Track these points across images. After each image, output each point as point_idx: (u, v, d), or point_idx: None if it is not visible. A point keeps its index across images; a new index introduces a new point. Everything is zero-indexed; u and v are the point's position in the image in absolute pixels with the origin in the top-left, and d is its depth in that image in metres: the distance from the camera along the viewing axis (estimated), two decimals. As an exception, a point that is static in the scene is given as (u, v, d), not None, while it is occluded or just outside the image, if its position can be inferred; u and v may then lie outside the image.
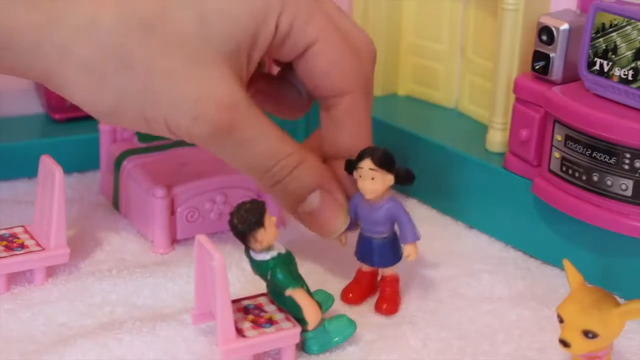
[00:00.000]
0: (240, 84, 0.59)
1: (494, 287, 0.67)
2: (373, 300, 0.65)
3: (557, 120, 0.65)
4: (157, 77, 0.57)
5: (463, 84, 0.79)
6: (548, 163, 0.66)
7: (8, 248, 0.65)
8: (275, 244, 0.58)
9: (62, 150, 0.75)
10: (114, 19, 0.57)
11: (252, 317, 0.58)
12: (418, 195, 0.77)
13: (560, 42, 0.66)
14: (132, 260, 0.68)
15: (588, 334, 0.53)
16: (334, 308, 0.62)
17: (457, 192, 0.74)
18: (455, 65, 0.80)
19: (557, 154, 0.65)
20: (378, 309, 0.64)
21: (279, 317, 0.59)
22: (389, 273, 0.64)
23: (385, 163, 0.60)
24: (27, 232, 0.66)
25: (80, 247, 0.69)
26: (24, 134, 0.80)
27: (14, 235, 0.66)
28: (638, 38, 0.61)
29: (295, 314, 0.58)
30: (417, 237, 0.62)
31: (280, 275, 0.57)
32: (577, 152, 0.64)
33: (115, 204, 0.74)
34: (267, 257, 0.57)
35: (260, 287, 0.60)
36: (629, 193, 0.62)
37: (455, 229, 0.74)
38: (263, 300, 0.60)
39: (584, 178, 0.64)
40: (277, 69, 0.68)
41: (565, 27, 0.66)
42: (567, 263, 0.55)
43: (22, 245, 0.65)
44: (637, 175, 0.62)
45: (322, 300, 0.60)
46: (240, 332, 0.57)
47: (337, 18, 0.63)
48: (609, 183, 0.63)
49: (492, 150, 0.73)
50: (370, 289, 0.65)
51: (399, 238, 0.63)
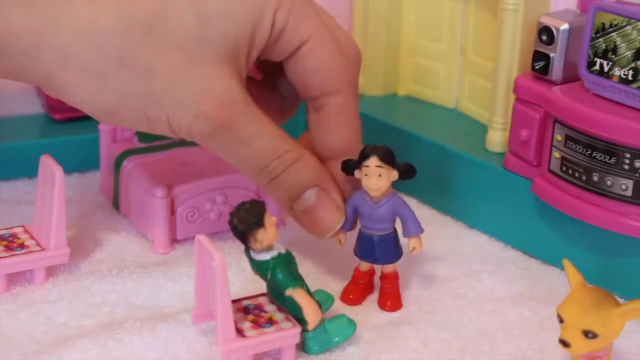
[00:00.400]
0: (240, 82, 0.59)
1: (494, 287, 0.67)
2: (373, 300, 0.65)
3: (557, 120, 0.65)
4: (157, 76, 0.57)
5: (463, 84, 0.79)
6: (548, 163, 0.66)
7: (8, 248, 0.65)
8: (275, 244, 0.58)
9: (62, 150, 0.75)
10: (114, 19, 0.57)
11: (252, 317, 0.58)
12: (418, 195, 0.77)
13: (560, 42, 0.66)
14: (132, 260, 0.68)
15: (588, 334, 0.53)
16: (334, 308, 0.62)
17: (457, 192, 0.74)
18: (455, 65, 0.80)
19: (557, 154, 0.65)
20: (382, 306, 0.64)
21: (279, 317, 0.59)
22: (390, 270, 0.64)
23: (391, 159, 0.61)
24: (27, 232, 0.66)
25: (80, 247, 0.69)
26: (24, 134, 0.80)
27: (14, 235, 0.66)
28: (638, 38, 0.61)
29: (295, 314, 0.58)
30: (421, 229, 0.63)
31: (280, 275, 0.57)
32: (577, 152, 0.64)
33: (115, 204, 0.74)
34: (267, 257, 0.57)
35: (260, 287, 0.60)
36: (629, 193, 0.62)
37: (455, 229, 0.74)
38: (263, 300, 0.60)
39: (584, 178, 0.64)
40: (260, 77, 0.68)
41: (565, 27, 0.66)
42: (567, 263, 0.55)
43: (22, 245, 0.65)
44: (637, 175, 0.62)
45: (322, 300, 0.60)
46: (240, 332, 0.57)
47: (326, 20, 0.63)
48: (609, 183, 0.63)
49: (492, 150, 0.73)
50: (369, 288, 0.65)
51: (403, 232, 0.63)
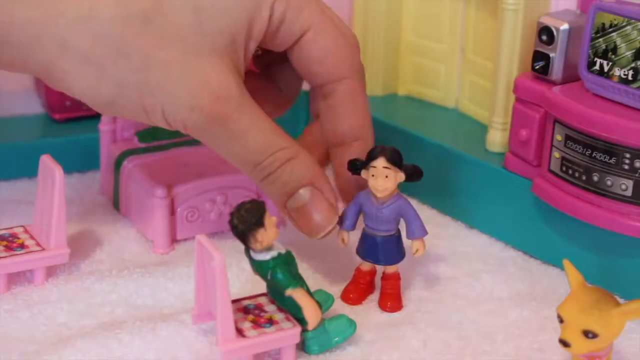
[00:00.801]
0: (237, 76, 0.60)
1: (494, 287, 0.67)
2: (373, 300, 0.65)
3: (557, 120, 0.65)
4: (154, 67, 0.58)
5: (463, 84, 0.79)
6: (548, 163, 0.66)
7: (8, 248, 0.65)
8: (275, 244, 0.58)
9: (62, 150, 0.75)
10: (113, 10, 0.58)
11: (252, 317, 0.58)
12: (418, 195, 0.77)
13: (560, 42, 0.66)
14: (132, 260, 0.68)
15: (588, 334, 0.53)
16: (334, 308, 0.62)
17: (457, 192, 0.74)
18: (455, 65, 0.80)
19: (557, 154, 0.65)
20: (383, 307, 0.64)
21: (279, 317, 0.59)
22: (392, 271, 0.64)
23: (398, 160, 0.61)
24: (27, 232, 0.66)
25: (80, 247, 0.69)
26: (24, 134, 0.80)
27: (14, 235, 0.66)
28: (638, 38, 0.61)
29: (295, 314, 0.58)
30: (425, 232, 0.63)
31: (280, 275, 0.57)
32: (577, 152, 0.64)
33: (115, 204, 0.74)
34: (267, 257, 0.57)
35: (260, 287, 0.60)
36: (629, 193, 0.62)
37: (455, 229, 0.74)
38: (263, 300, 0.60)
39: (584, 178, 0.64)
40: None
41: (565, 27, 0.66)
42: (567, 263, 0.55)
43: (22, 245, 0.65)
44: (637, 175, 0.62)
45: (322, 300, 0.60)
46: (240, 332, 0.57)
47: (325, 9, 0.64)
48: (609, 183, 0.63)
49: (492, 150, 0.73)
50: (370, 288, 0.65)
51: (407, 234, 0.63)
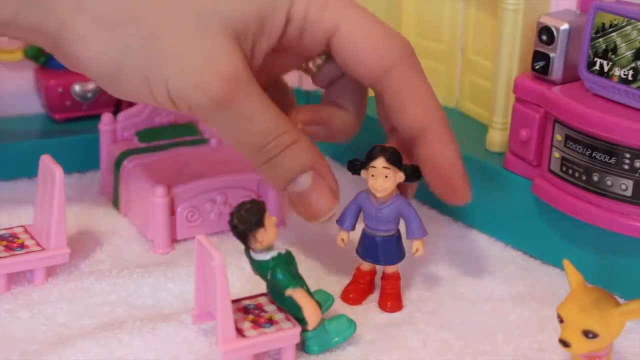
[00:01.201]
0: (245, 61, 0.59)
1: (494, 287, 0.67)
2: (373, 300, 0.65)
3: (557, 120, 0.65)
4: (164, 38, 0.58)
5: (463, 84, 0.79)
6: (548, 163, 0.66)
7: (8, 248, 0.65)
8: (275, 244, 0.58)
9: (62, 150, 0.75)
10: None
11: (252, 317, 0.58)
12: (418, 195, 0.76)
13: (560, 42, 0.66)
14: (132, 260, 0.68)
15: (588, 334, 0.53)
16: (334, 308, 0.62)
17: (457, 192, 0.74)
18: (455, 65, 0.80)
19: (557, 154, 0.65)
20: (383, 307, 0.64)
21: (279, 317, 0.59)
22: (392, 271, 0.64)
23: (398, 160, 0.61)
24: (27, 232, 0.66)
25: (80, 247, 0.69)
26: (24, 134, 0.80)
27: (14, 235, 0.66)
28: (638, 38, 0.61)
29: (295, 314, 0.58)
30: (425, 232, 0.63)
31: (280, 275, 0.57)
32: (577, 152, 0.64)
33: (115, 204, 0.74)
34: (267, 257, 0.57)
35: (260, 287, 0.60)
36: (629, 193, 0.62)
37: (455, 229, 0.74)
38: (263, 300, 0.60)
39: (584, 178, 0.64)
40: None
41: (565, 27, 0.66)
42: (567, 263, 0.55)
43: (22, 245, 0.65)
44: (637, 175, 0.62)
45: (322, 300, 0.60)
46: (240, 332, 0.57)
47: (352, 3, 0.62)
48: (609, 183, 0.63)
49: (492, 150, 0.73)
50: (370, 288, 0.65)
51: (407, 234, 0.63)
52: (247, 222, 0.56)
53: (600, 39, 0.63)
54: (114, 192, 0.74)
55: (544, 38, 0.67)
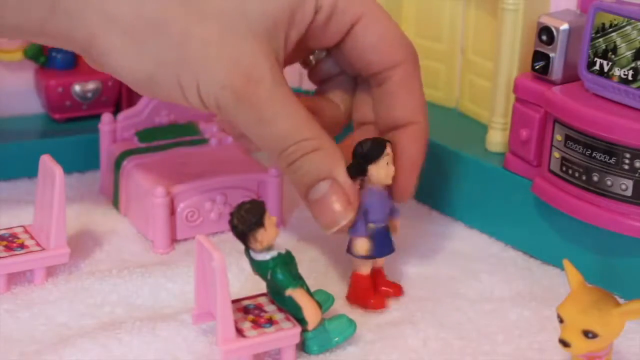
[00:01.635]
0: (273, 61, 0.60)
1: (494, 287, 0.67)
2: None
3: (557, 120, 0.65)
4: (192, 43, 0.58)
5: (463, 84, 0.79)
6: (548, 163, 0.66)
7: (8, 248, 0.65)
8: (275, 244, 0.58)
9: (62, 150, 0.75)
10: None
11: (252, 317, 0.58)
12: (418, 196, 0.77)
13: (560, 42, 0.66)
14: (132, 260, 0.68)
15: (588, 334, 0.53)
16: (334, 308, 0.62)
17: (457, 192, 0.74)
18: (455, 65, 0.80)
19: (557, 154, 0.65)
20: (387, 295, 0.64)
21: (279, 317, 0.59)
22: (381, 263, 0.64)
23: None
24: (27, 232, 0.66)
25: (80, 247, 0.69)
26: (24, 134, 0.80)
27: (14, 235, 0.66)
28: (638, 38, 0.61)
29: (295, 314, 0.58)
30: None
31: (280, 275, 0.57)
32: (577, 152, 0.64)
33: (115, 204, 0.74)
34: (267, 257, 0.57)
35: (260, 287, 0.60)
36: (629, 193, 0.62)
37: (455, 229, 0.74)
38: (263, 300, 0.60)
39: (584, 178, 0.64)
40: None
41: (565, 27, 0.66)
42: (567, 263, 0.55)
43: (22, 245, 0.65)
44: (637, 175, 0.62)
45: (322, 300, 0.60)
46: (240, 332, 0.57)
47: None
48: (609, 183, 0.63)
49: (492, 150, 0.73)
50: (375, 288, 0.65)
51: (391, 214, 0.63)
52: (247, 222, 0.56)
53: (600, 39, 0.63)
54: (114, 192, 0.74)
55: (544, 38, 0.67)
